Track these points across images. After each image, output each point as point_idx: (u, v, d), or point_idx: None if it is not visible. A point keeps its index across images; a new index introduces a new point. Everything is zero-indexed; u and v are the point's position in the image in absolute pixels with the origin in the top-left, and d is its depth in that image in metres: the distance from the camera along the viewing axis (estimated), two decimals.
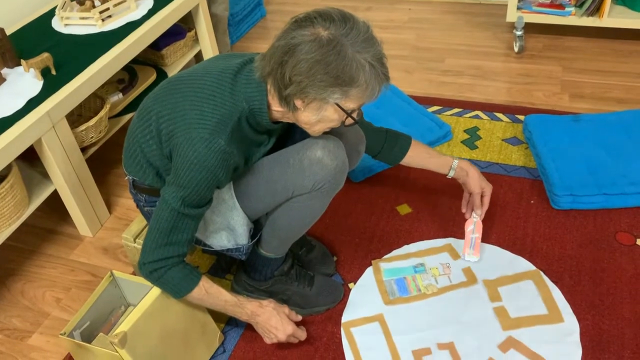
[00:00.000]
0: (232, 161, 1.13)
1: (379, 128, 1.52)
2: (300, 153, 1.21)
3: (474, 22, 2.77)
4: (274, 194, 1.25)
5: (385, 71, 1.07)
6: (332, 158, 1.20)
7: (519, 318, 1.42)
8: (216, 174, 1.12)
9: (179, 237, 1.18)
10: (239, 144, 1.15)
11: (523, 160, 1.90)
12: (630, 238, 1.58)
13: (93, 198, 1.81)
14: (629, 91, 2.18)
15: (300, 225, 1.33)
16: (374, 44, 1.05)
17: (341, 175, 1.23)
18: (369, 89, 1.06)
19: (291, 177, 1.21)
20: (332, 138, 1.22)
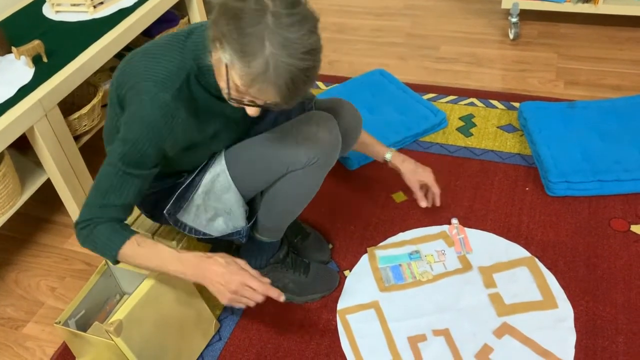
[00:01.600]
0: (178, 120, 1.10)
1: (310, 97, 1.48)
2: (295, 128, 1.22)
3: (469, 9, 2.76)
4: (269, 170, 1.24)
5: (284, 87, 0.95)
6: (326, 132, 1.20)
7: (513, 304, 1.43)
8: (159, 130, 1.08)
9: (115, 199, 1.11)
10: (191, 104, 1.12)
11: (518, 148, 1.90)
12: (624, 224, 1.59)
13: (87, 187, 1.80)
14: (623, 78, 2.17)
15: (295, 203, 1.31)
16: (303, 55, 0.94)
17: (335, 150, 1.23)
18: (253, 74, 0.94)
19: (286, 152, 1.21)
20: (325, 114, 1.23)
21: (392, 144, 1.91)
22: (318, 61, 0.98)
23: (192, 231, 1.34)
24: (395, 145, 1.93)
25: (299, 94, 0.99)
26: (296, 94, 0.98)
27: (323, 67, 2.46)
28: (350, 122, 1.36)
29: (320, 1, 2.99)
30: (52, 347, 1.50)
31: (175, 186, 1.32)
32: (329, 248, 1.61)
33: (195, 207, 1.30)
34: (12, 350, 1.50)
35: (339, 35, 2.69)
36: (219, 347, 1.42)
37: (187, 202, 1.28)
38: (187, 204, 1.29)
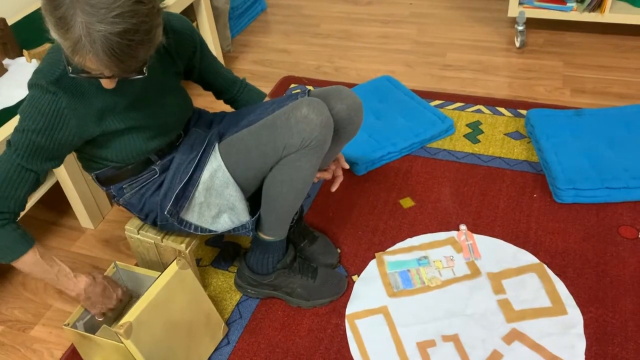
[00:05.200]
0: (61, 102, 1.12)
1: (237, 77, 1.50)
2: (286, 114, 1.23)
3: (475, 17, 2.77)
4: (264, 156, 1.25)
5: (103, 54, 0.96)
6: (317, 114, 1.21)
7: (522, 310, 1.42)
8: (45, 117, 1.12)
9: (12, 191, 1.16)
10: (76, 90, 1.13)
11: (525, 155, 1.90)
12: (632, 232, 1.59)
13: (95, 190, 1.81)
14: (630, 86, 2.18)
15: (293, 189, 1.30)
16: (114, 19, 0.94)
17: (327, 131, 1.24)
18: (73, 43, 0.96)
19: (279, 137, 1.22)
20: (314, 99, 1.24)
21: (400, 150, 1.92)
22: (140, 22, 0.97)
23: (198, 229, 1.35)
24: (402, 151, 1.93)
25: (128, 58, 0.99)
26: (124, 59, 0.98)
27: (331, 74, 2.48)
28: (351, 105, 1.35)
29: (326, 8, 3.01)
30: (60, 350, 1.49)
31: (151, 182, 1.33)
32: (337, 252, 1.60)
33: (198, 205, 1.30)
34: (20, 352, 1.50)
35: (345, 42, 2.70)
36: (227, 351, 1.42)
37: (187, 200, 1.29)
38: (188, 203, 1.29)
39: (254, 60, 2.66)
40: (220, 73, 1.46)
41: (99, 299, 1.35)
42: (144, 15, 0.97)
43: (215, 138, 1.32)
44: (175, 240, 1.45)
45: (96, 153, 1.26)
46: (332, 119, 1.30)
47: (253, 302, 1.53)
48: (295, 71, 2.53)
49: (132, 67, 1.02)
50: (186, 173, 1.28)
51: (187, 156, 1.32)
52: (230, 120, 1.42)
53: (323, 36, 2.76)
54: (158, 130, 1.29)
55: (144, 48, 1.01)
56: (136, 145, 1.26)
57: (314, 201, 1.81)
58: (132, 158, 1.28)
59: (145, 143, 1.27)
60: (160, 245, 1.47)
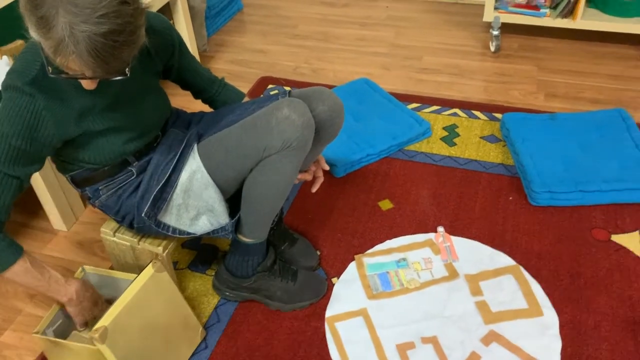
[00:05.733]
0: (38, 104, 1.09)
1: (215, 77, 1.49)
2: (267, 114, 1.21)
3: (451, 21, 2.80)
4: (245, 157, 1.24)
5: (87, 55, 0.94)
6: (299, 115, 1.20)
7: (500, 312, 1.44)
8: (23, 120, 1.09)
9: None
10: (54, 91, 1.11)
11: (501, 158, 1.93)
12: (605, 234, 1.63)
13: (68, 191, 1.76)
14: (601, 92, 2.23)
15: (273, 191, 1.29)
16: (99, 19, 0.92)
17: (308, 132, 1.23)
18: (55, 43, 0.94)
19: (260, 138, 1.21)
20: (295, 99, 1.23)
21: (378, 152, 1.92)
22: (125, 23, 0.95)
23: (177, 232, 1.33)
24: (381, 154, 1.94)
25: (112, 60, 0.97)
26: (108, 60, 0.96)
27: (308, 75, 2.47)
28: (333, 106, 1.35)
29: (303, 9, 3.00)
30: (31, 356, 1.45)
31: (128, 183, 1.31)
32: (317, 255, 1.60)
33: (177, 207, 1.28)
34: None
35: (323, 44, 2.70)
36: (205, 356, 1.40)
37: (165, 202, 1.26)
38: (166, 205, 1.27)
39: (230, 60, 2.64)
40: (199, 72, 1.44)
41: (89, 304, 1.32)
42: (129, 15, 0.95)
43: (194, 139, 1.30)
44: (152, 243, 1.42)
45: (72, 154, 1.23)
46: (314, 120, 1.29)
47: (231, 305, 1.51)
48: (273, 72, 2.52)
49: (115, 68, 1.00)
50: (164, 174, 1.26)
51: (165, 157, 1.30)
52: (209, 121, 1.40)
53: (300, 37, 2.76)
54: (137, 131, 1.26)
55: (129, 49, 0.99)
56: (114, 146, 1.24)
57: (293, 203, 1.80)
58: (110, 160, 1.26)
59: (123, 144, 1.25)
60: (137, 248, 1.44)
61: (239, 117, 1.29)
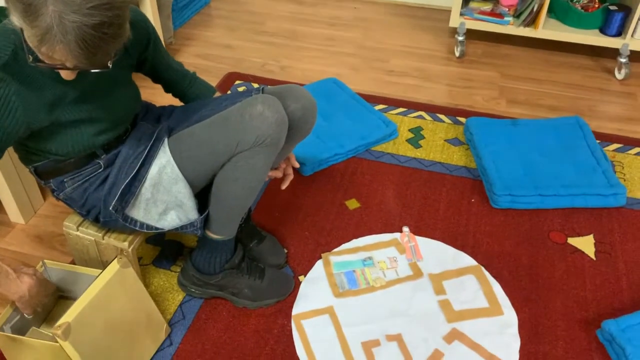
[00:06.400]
0: (9, 88, 1.06)
1: (187, 71, 1.48)
2: (241, 110, 1.21)
3: (418, 25, 2.85)
4: (216, 153, 1.23)
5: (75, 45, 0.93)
6: (273, 112, 1.20)
7: (462, 311, 1.48)
8: None
9: None
10: (24, 77, 1.08)
11: (464, 161, 1.98)
12: (562, 237, 1.69)
13: (27, 183, 1.71)
14: (559, 99, 2.32)
15: (245, 188, 1.29)
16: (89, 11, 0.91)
17: (282, 129, 1.23)
18: (41, 32, 0.92)
19: (233, 133, 1.20)
20: (269, 96, 1.23)
21: (346, 152, 1.94)
22: (114, 16, 0.94)
23: (144, 227, 1.31)
24: (349, 153, 1.96)
25: (100, 52, 0.96)
26: (96, 52, 0.96)
27: (276, 72, 2.47)
28: (306, 105, 1.36)
29: (272, 6, 3.00)
30: None
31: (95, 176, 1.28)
32: (285, 252, 1.60)
33: (145, 201, 1.26)
34: None
35: (291, 42, 2.70)
36: (170, 352, 1.38)
37: (134, 196, 1.24)
38: (134, 199, 1.25)
39: (196, 54, 2.61)
40: (171, 66, 1.42)
41: (40, 298, 1.28)
42: (118, 8, 0.94)
43: (165, 132, 1.28)
44: (118, 238, 1.40)
45: (38, 145, 1.20)
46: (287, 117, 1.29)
47: (197, 302, 1.50)
48: (240, 68, 2.50)
49: (101, 60, 0.98)
50: (133, 168, 1.24)
51: (134, 150, 1.28)
52: (180, 115, 1.38)
53: (268, 34, 2.75)
54: (107, 123, 1.24)
55: (115, 42, 0.97)
56: (83, 138, 1.21)
57: (261, 201, 1.80)
58: (78, 151, 1.23)
59: (92, 136, 1.22)
60: (101, 243, 1.41)
61: (211, 112, 1.28)
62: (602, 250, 1.65)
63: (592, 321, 1.46)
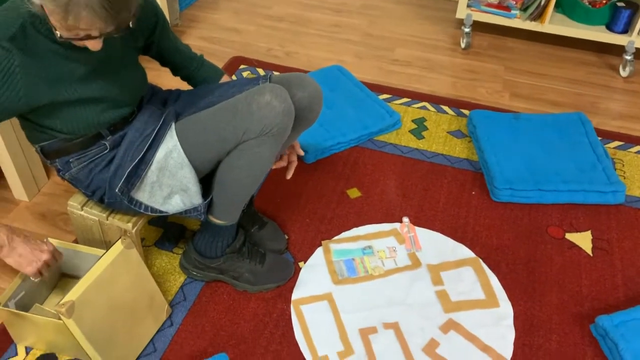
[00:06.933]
0: (13, 60, 1.07)
1: (194, 53, 1.49)
2: (248, 98, 1.22)
3: (424, 14, 2.84)
4: (223, 140, 1.24)
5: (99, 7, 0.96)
6: (280, 101, 1.22)
7: (459, 302, 1.50)
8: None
9: None
10: (31, 52, 1.10)
11: (466, 153, 1.99)
12: (560, 232, 1.71)
13: (32, 161, 1.72)
14: (562, 95, 2.32)
15: (249, 176, 1.30)
16: None
17: (288, 119, 1.24)
18: (63, 4, 0.96)
19: (240, 121, 1.21)
20: (277, 86, 1.24)
21: (348, 141, 1.95)
22: None
23: (149, 209, 1.32)
24: (351, 142, 1.97)
25: (123, 9, 1.00)
26: (119, 9, 0.99)
27: (281, 58, 2.47)
28: (312, 93, 1.36)
29: None
30: None
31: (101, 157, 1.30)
32: (285, 238, 1.62)
33: (150, 184, 1.28)
34: None
35: (297, 27, 2.69)
36: (171, 333, 1.41)
37: (139, 179, 1.26)
38: (140, 181, 1.27)
39: (202, 36, 2.60)
40: (179, 49, 1.42)
41: (26, 249, 1.23)
42: None
43: (172, 117, 1.29)
44: (122, 219, 1.41)
45: (45, 122, 1.20)
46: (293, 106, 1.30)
47: (198, 284, 1.52)
48: (245, 52, 2.50)
49: (125, 18, 1.01)
50: (139, 151, 1.25)
51: (141, 133, 1.28)
52: (187, 100, 1.39)
53: (275, 19, 2.74)
54: (112, 103, 1.25)
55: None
56: (88, 116, 1.22)
57: (263, 187, 1.81)
58: (83, 130, 1.24)
59: (97, 115, 1.23)
60: (105, 223, 1.43)
61: (219, 99, 1.29)
62: (599, 246, 1.67)
63: (586, 316, 1.48)
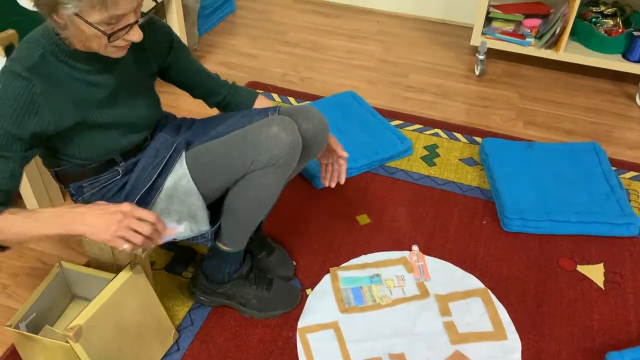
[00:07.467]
0: (35, 89, 1.10)
1: (224, 81, 1.51)
2: (257, 130, 1.25)
3: (439, 41, 2.86)
4: (231, 170, 1.27)
5: None
6: (288, 134, 1.24)
7: (466, 333, 1.49)
8: (17, 103, 1.09)
9: None
10: (52, 80, 1.13)
11: (477, 181, 1.99)
12: (571, 264, 1.69)
13: (48, 182, 1.76)
14: (577, 123, 2.31)
15: (256, 205, 1.32)
16: None
17: (296, 151, 1.27)
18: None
19: (248, 152, 1.24)
20: (286, 118, 1.27)
21: (359, 167, 1.96)
22: None
23: None
24: (362, 168, 1.98)
25: None
26: None
27: (296, 83, 2.50)
28: (318, 125, 1.38)
29: (296, 17, 3.03)
30: (1, 349, 1.45)
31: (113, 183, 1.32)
32: (293, 265, 1.63)
33: (159, 211, 1.30)
34: None
35: (312, 53, 2.73)
36: (177, 358, 1.42)
37: (149, 205, 1.28)
38: (149, 208, 1.29)
39: (219, 61, 2.65)
40: (203, 72, 1.46)
41: (117, 216, 1.11)
42: None
43: (183, 146, 1.32)
44: None
45: (61, 148, 1.24)
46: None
47: (205, 309, 1.53)
48: (261, 77, 2.54)
49: None
50: (149, 178, 1.28)
51: (152, 160, 1.31)
52: (199, 129, 1.42)
53: (291, 45, 2.78)
54: (128, 129, 1.28)
55: None
56: (105, 142, 1.25)
57: (272, 212, 1.83)
58: (98, 156, 1.27)
59: (114, 141, 1.26)
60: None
61: (228, 129, 1.32)
62: (611, 280, 1.64)
63: (596, 351, 1.45)
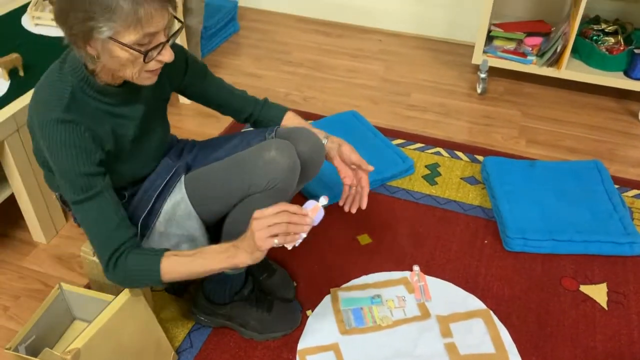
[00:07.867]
0: (81, 127, 1.11)
1: (253, 97, 1.54)
2: (255, 154, 1.26)
3: (441, 59, 2.87)
4: (229, 194, 1.28)
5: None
6: (286, 157, 1.25)
7: (467, 355, 1.47)
8: (74, 145, 1.10)
9: (108, 224, 1.15)
10: (87, 117, 1.14)
11: (479, 200, 1.98)
12: (574, 284, 1.68)
13: (50, 203, 1.77)
14: (580, 141, 2.31)
15: None
16: None
17: (293, 174, 1.28)
18: (133, 12, 1.00)
19: (246, 176, 1.25)
20: (284, 141, 1.28)
21: None
22: None
23: None
24: None
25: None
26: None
27: (299, 103, 2.51)
28: (314, 147, 1.39)
29: (299, 37, 3.06)
30: None
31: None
32: (294, 286, 1.62)
33: (158, 234, 1.31)
34: None
35: (315, 72, 2.75)
36: None
37: (149, 230, 1.29)
38: (149, 232, 1.30)
39: None
40: (225, 87, 1.48)
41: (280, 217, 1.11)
42: None
43: (182, 170, 1.33)
44: None
45: None
46: None
47: (205, 331, 1.53)
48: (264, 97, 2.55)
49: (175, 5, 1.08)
50: (148, 202, 1.29)
51: (152, 184, 1.32)
52: (200, 152, 1.43)
53: (294, 64, 2.81)
54: (150, 158, 1.32)
55: None
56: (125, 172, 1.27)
57: None
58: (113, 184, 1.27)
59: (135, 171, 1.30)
60: None
61: (227, 153, 1.33)
62: (615, 300, 1.63)
63: None
